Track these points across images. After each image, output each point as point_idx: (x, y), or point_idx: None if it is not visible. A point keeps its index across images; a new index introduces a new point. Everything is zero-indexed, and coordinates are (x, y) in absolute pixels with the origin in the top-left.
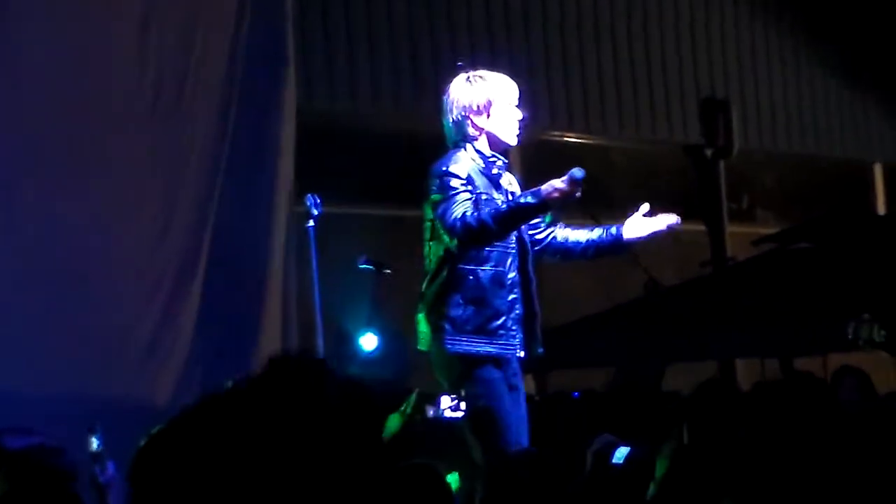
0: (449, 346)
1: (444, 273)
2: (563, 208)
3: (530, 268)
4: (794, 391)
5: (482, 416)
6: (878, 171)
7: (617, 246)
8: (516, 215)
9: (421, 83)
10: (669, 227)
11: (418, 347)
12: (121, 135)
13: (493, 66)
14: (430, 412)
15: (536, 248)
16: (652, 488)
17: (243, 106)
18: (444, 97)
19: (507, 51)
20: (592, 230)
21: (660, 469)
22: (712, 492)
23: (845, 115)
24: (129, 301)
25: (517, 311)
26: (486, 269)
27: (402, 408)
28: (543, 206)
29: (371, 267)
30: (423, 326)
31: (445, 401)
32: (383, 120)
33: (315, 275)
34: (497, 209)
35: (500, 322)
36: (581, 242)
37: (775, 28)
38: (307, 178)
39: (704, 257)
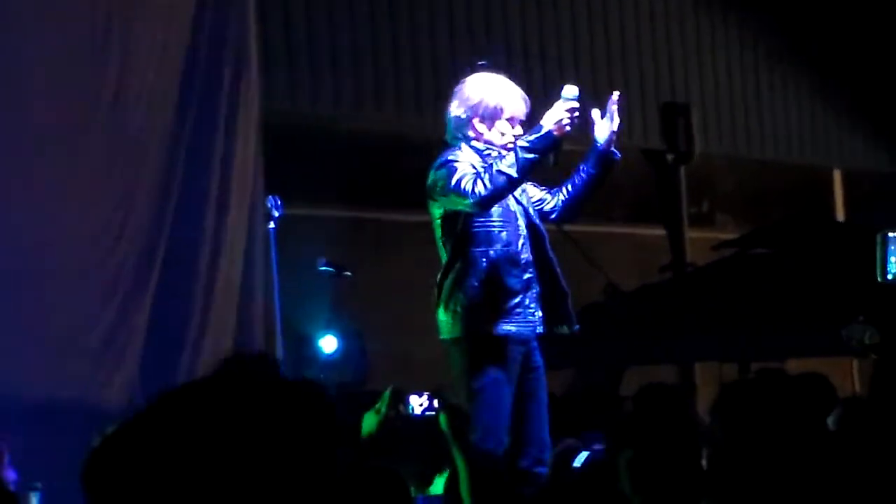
0: (469, 328)
1: (458, 258)
2: (565, 137)
3: (549, 251)
4: (763, 389)
5: (465, 415)
6: (836, 177)
7: (603, 158)
8: (531, 153)
9: (383, 86)
10: (617, 104)
11: (440, 337)
12: (80, 134)
13: (455, 71)
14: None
15: (553, 217)
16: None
17: (204, 105)
18: (458, 87)
19: (468, 53)
20: (577, 170)
21: (623, 479)
22: (689, 493)
23: (805, 121)
24: (83, 301)
25: (534, 290)
26: (497, 249)
27: (377, 406)
28: (551, 137)
29: (331, 269)
30: (442, 315)
31: (415, 399)
32: (344, 122)
33: (275, 276)
34: (509, 160)
35: (516, 301)
36: (579, 181)
37: (737, 33)
38: (267, 180)
39: (664, 262)
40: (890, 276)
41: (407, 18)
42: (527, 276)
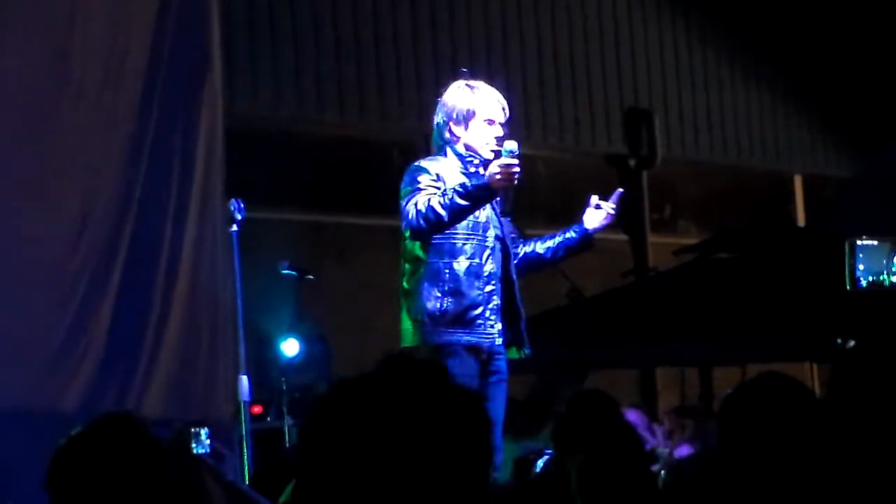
0: (428, 339)
1: (422, 269)
2: (510, 188)
3: (512, 270)
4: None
5: None
6: (798, 182)
7: (584, 240)
8: (464, 199)
9: (345, 90)
10: (617, 198)
11: (401, 345)
12: (40, 133)
13: (418, 76)
14: None
15: (513, 262)
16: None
17: (166, 108)
18: (439, 98)
19: (432, 59)
20: (555, 237)
21: (573, 485)
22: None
23: (767, 127)
24: (40, 304)
25: (496, 303)
26: (461, 262)
27: None
28: (487, 188)
29: (293, 272)
30: (405, 323)
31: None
32: (307, 125)
33: (238, 279)
34: (445, 199)
35: (477, 312)
36: (550, 248)
37: (699, 40)
38: (229, 182)
39: (626, 267)
40: (862, 284)
41: (370, 23)
42: (489, 287)
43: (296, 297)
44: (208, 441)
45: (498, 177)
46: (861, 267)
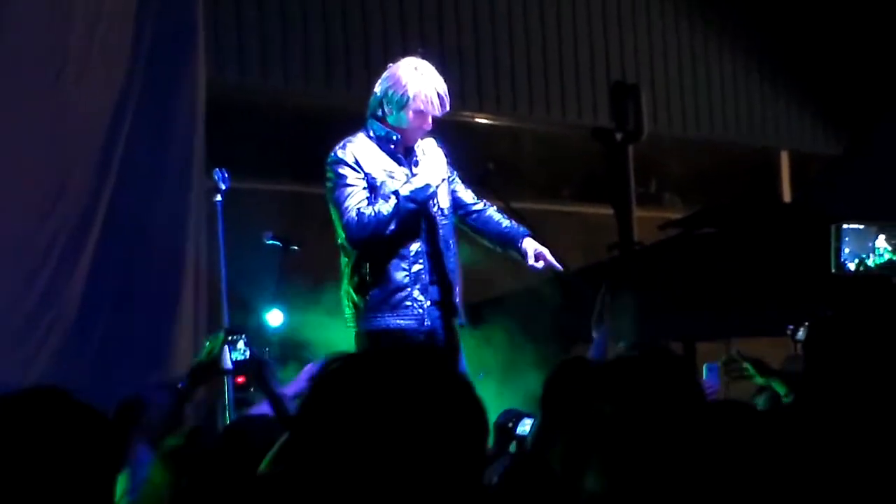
0: (359, 324)
1: (348, 253)
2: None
3: (441, 241)
4: (650, 366)
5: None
6: (784, 158)
7: (516, 249)
8: (411, 202)
9: (332, 61)
10: (547, 262)
11: (347, 326)
12: (22, 105)
13: (405, 48)
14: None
15: (464, 216)
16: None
17: (150, 76)
18: (389, 65)
19: (419, 32)
20: (511, 221)
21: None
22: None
23: (754, 103)
24: (10, 274)
25: (423, 282)
26: (385, 246)
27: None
28: (428, 188)
29: (278, 243)
30: (346, 309)
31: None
32: (293, 96)
33: (222, 250)
34: (389, 209)
35: (404, 294)
36: (496, 224)
37: (686, 15)
38: (215, 152)
39: (612, 240)
40: (851, 267)
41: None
42: (416, 267)
43: (280, 267)
44: (245, 348)
45: (434, 175)
46: (847, 250)
